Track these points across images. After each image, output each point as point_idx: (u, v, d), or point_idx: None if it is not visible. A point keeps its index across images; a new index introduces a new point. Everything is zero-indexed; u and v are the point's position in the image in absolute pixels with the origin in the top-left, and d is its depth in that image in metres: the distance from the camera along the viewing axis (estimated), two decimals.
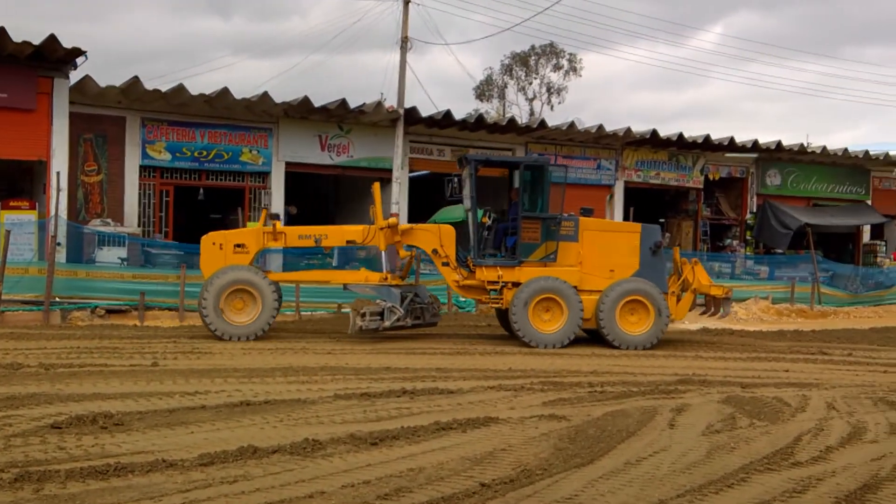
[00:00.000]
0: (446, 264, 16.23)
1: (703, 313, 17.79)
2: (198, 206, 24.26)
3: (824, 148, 29.59)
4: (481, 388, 10.80)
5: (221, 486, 6.33)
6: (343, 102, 22.33)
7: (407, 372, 11.93)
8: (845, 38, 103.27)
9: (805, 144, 29.62)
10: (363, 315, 15.13)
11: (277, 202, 22.85)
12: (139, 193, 21.51)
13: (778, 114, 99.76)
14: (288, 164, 23.08)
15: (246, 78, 76.94)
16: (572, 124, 25.82)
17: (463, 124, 24.45)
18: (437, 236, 16.23)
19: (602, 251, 16.11)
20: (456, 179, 16.80)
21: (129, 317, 18.16)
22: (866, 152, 30.29)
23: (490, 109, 58.68)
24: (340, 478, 6.64)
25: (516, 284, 15.84)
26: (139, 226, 21.37)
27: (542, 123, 25.80)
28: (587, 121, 28.34)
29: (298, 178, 23.85)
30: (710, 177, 28.89)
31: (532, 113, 58.06)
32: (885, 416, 9.74)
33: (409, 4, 25.29)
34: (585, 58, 70.39)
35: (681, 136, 26.83)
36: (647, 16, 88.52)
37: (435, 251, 16.24)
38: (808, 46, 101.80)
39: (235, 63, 77.41)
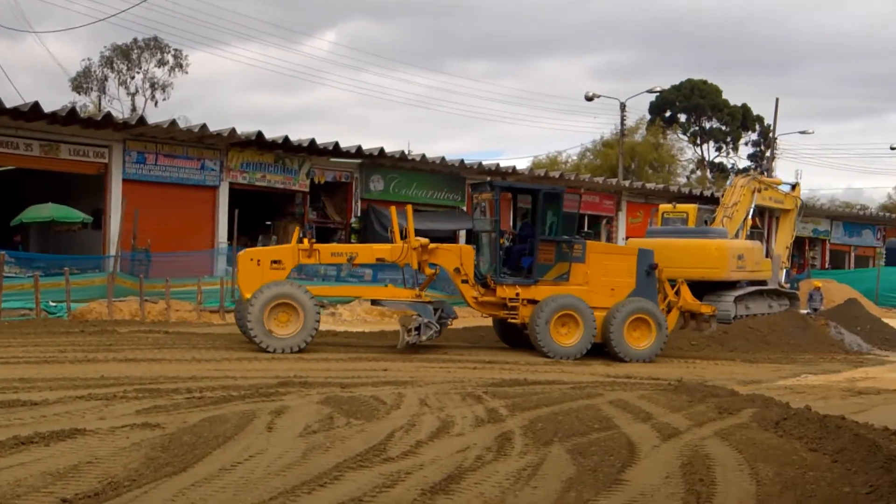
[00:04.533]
0: (465, 282, 17.32)
1: (683, 328, 19.81)
2: None
3: (423, 156, 30.92)
4: (69, 398, 10.09)
5: None
6: None
7: None
8: (451, 52, 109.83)
9: (406, 152, 30.85)
10: (409, 331, 16.10)
11: None
12: None
13: (386, 121, 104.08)
14: None
15: None
16: (174, 122, 24.95)
17: (53, 118, 22.89)
18: (458, 256, 17.45)
19: (605, 272, 17.63)
20: (485, 203, 18.37)
21: None
22: (461, 161, 32.06)
23: (88, 103, 56.06)
24: None
25: (532, 301, 17.09)
26: None
27: (142, 120, 24.83)
28: (196, 119, 27.74)
29: None
30: (316, 180, 29.19)
31: (134, 108, 56.16)
32: (471, 409, 10.30)
33: None
34: (194, 55, 69.30)
35: (286, 139, 26.93)
36: (259, 18, 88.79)
37: (457, 269, 17.31)
38: (417, 58, 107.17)
39: None
